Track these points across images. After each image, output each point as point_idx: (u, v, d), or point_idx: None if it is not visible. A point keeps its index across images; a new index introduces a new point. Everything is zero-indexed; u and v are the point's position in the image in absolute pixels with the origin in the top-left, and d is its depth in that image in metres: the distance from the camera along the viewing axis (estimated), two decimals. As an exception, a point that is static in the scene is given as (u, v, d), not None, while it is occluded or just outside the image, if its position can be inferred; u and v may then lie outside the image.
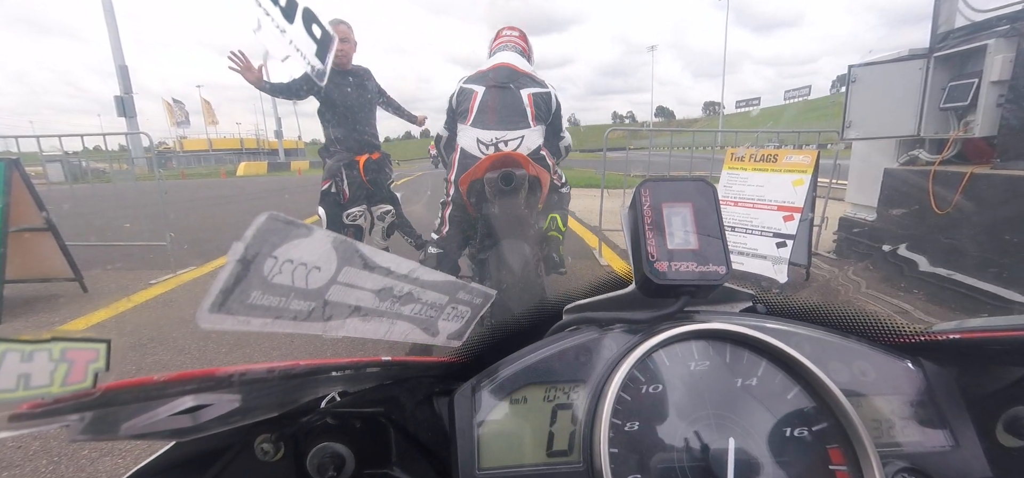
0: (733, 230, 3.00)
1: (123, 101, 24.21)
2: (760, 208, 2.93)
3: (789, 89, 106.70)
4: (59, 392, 0.25)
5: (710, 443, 0.35)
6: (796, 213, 2.76)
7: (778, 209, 2.84)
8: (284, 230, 0.24)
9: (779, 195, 2.85)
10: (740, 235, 2.99)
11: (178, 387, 0.23)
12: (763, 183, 2.96)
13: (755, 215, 2.94)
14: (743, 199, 3.02)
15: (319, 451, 0.39)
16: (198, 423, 0.28)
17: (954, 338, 0.39)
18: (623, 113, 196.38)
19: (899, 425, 0.39)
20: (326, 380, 0.34)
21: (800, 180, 2.80)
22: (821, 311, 0.45)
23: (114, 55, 25.09)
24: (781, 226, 2.80)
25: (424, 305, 0.36)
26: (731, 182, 3.11)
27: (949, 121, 2.96)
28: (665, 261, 0.39)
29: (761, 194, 2.95)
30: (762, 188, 2.96)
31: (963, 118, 2.83)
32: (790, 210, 2.78)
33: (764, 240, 2.85)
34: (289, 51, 1.82)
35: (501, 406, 0.39)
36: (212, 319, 0.23)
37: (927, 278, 2.76)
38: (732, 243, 3.00)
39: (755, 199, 2.97)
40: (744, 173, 3.05)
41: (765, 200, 2.92)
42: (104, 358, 0.27)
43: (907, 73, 3.05)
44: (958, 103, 2.78)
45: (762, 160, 2.99)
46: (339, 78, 2.61)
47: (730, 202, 3.09)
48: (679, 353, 0.39)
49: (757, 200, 2.96)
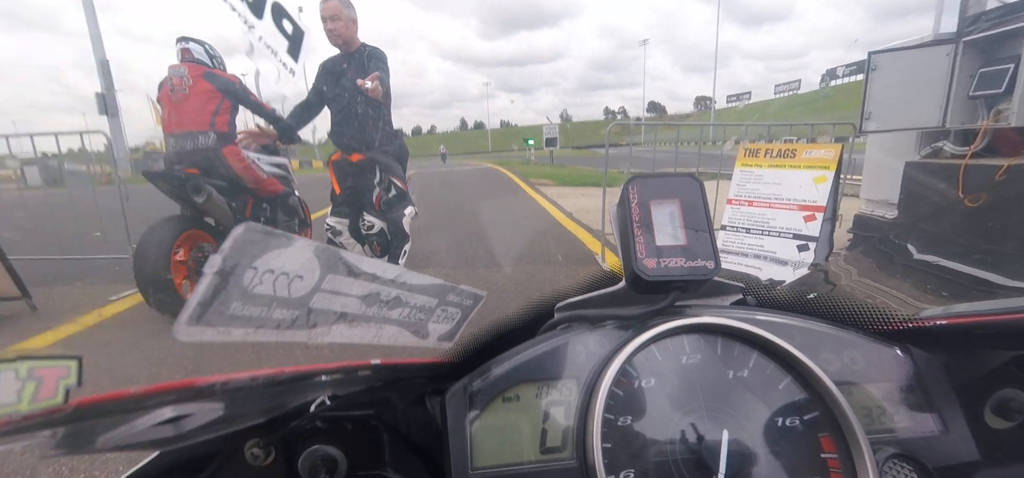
0: (748, 232, 2.76)
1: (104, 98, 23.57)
2: (778, 208, 2.69)
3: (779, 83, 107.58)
4: (28, 409, 0.24)
5: (703, 435, 0.35)
6: (818, 212, 2.53)
7: (798, 208, 2.61)
8: (263, 241, 0.24)
9: (799, 193, 2.62)
10: (756, 237, 2.75)
11: (155, 399, 0.23)
12: (780, 180, 2.72)
13: (772, 215, 2.70)
14: (758, 198, 2.78)
15: (310, 454, 0.38)
16: (181, 432, 0.28)
17: (941, 324, 0.40)
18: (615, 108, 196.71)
19: (889, 411, 0.39)
20: (315, 385, 0.34)
21: (822, 177, 2.56)
22: (810, 301, 0.46)
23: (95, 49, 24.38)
24: (802, 227, 2.56)
25: (413, 308, 0.35)
26: (744, 180, 2.87)
27: (977, 110, 2.74)
28: (654, 257, 0.39)
29: (778, 192, 2.71)
30: (779, 186, 2.72)
31: (994, 107, 2.62)
32: (812, 209, 2.54)
33: (783, 243, 2.61)
34: (261, 49, 1.55)
35: (494, 405, 0.39)
36: (190, 331, 0.22)
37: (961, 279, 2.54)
38: (747, 246, 2.76)
39: (772, 198, 2.73)
40: (759, 170, 2.81)
41: (783, 199, 2.68)
42: (76, 374, 0.27)
43: (932, 60, 2.83)
44: (991, 91, 2.56)
45: (779, 156, 2.75)
46: (334, 64, 2.23)
47: (743, 202, 2.85)
48: (670, 347, 0.39)
49: (774, 199, 2.72)
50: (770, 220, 2.73)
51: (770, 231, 2.70)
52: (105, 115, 23.97)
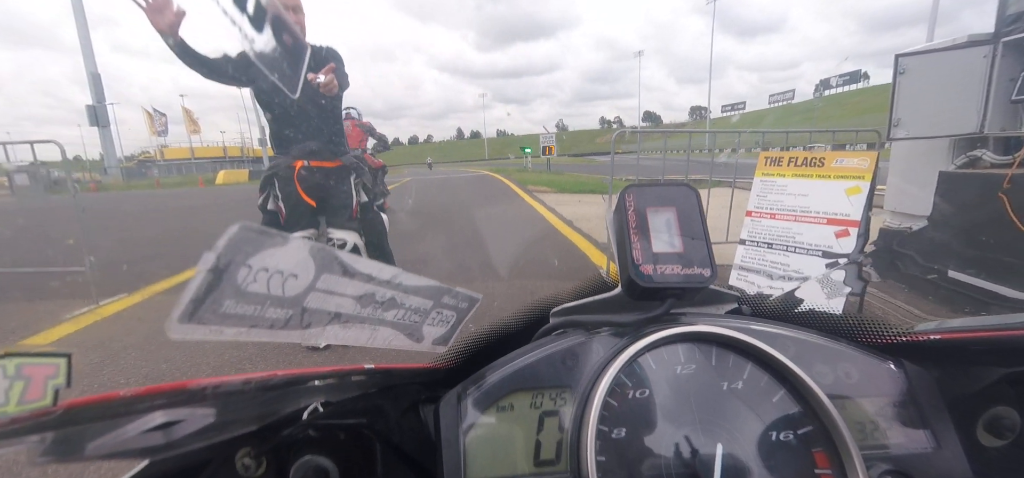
0: (770, 247, 2.51)
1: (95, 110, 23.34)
2: (805, 222, 2.44)
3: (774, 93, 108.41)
4: (16, 411, 0.24)
5: (697, 449, 0.35)
6: (852, 228, 2.28)
7: (828, 223, 2.35)
8: (258, 239, 0.23)
9: (829, 206, 2.36)
10: (780, 254, 2.50)
11: (147, 402, 0.23)
12: (807, 192, 2.46)
13: (798, 229, 2.45)
14: (782, 211, 2.52)
15: (302, 465, 0.38)
16: (171, 440, 0.28)
17: (935, 339, 0.40)
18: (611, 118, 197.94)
19: (882, 427, 0.39)
20: (308, 390, 0.34)
21: (856, 188, 2.31)
22: (805, 312, 0.46)
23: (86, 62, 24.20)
24: (833, 244, 2.31)
25: (408, 310, 0.34)
26: (766, 191, 2.62)
27: (1018, 115, 2.51)
28: (650, 264, 0.39)
29: (805, 205, 2.46)
30: (806, 198, 2.46)
31: (1039, 112, 2.40)
32: (845, 224, 2.29)
33: (812, 261, 2.36)
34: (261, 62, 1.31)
35: (488, 414, 0.38)
36: (182, 329, 0.22)
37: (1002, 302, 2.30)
38: (770, 264, 2.50)
39: (798, 211, 2.48)
40: (782, 180, 2.56)
41: (811, 212, 2.43)
42: (64, 374, 0.27)
43: (967, 62, 2.61)
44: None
45: (804, 164, 2.50)
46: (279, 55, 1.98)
47: (765, 214, 2.60)
48: (665, 357, 0.39)
49: (800, 212, 2.46)
50: (795, 235, 2.48)
51: (797, 247, 2.45)
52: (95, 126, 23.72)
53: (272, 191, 2.05)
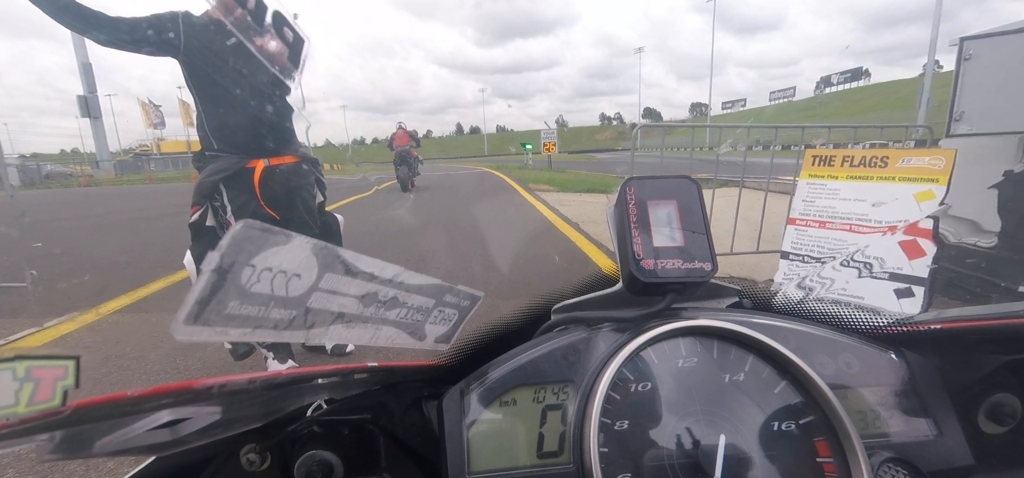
0: (821, 263, 2.14)
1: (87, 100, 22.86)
2: (863, 232, 2.06)
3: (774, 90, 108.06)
4: (26, 412, 0.24)
5: (699, 439, 0.35)
6: (925, 240, 1.90)
7: (890, 231, 1.97)
8: (261, 238, 0.23)
9: (895, 214, 1.98)
10: (828, 271, 2.13)
11: (153, 402, 0.23)
12: (865, 196, 2.07)
13: (856, 243, 2.07)
14: (834, 219, 2.13)
15: (306, 460, 0.38)
16: (177, 437, 0.28)
17: (935, 328, 0.41)
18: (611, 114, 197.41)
19: (884, 416, 0.39)
20: (312, 388, 0.34)
21: (928, 192, 1.93)
22: (806, 305, 0.46)
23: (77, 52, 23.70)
24: (904, 263, 1.94)
25: (410, 309, 0.34)
26: (814, 195, 2.22)
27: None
28: (651, 259, 0.39)
29: (863, 212, 2.06)
30: (864, 203, 2.08)
31: None
32: (919, 234, 1.91)
33: (875, 285, 1.99)
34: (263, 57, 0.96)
35: (490, 408, 0.38)
36: (188, 331, 0.22)
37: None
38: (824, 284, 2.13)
39: (853, 219, 2.09)
40: (834, 183, 2.18)
41: (870, 221, 2.04)
42: (73, 375, 0.27)
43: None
44: None
45: (862, 164, 2.12)
46: (217, 27, 1.50)
47: (813, 222, 2.22)
48: (667, 351, 0.39)
49: (857, 220, 2.08)
50: (850, 248, 2.10)
51: (853, 263, 2.07)
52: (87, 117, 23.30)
53: (217, 202, 1.62)
